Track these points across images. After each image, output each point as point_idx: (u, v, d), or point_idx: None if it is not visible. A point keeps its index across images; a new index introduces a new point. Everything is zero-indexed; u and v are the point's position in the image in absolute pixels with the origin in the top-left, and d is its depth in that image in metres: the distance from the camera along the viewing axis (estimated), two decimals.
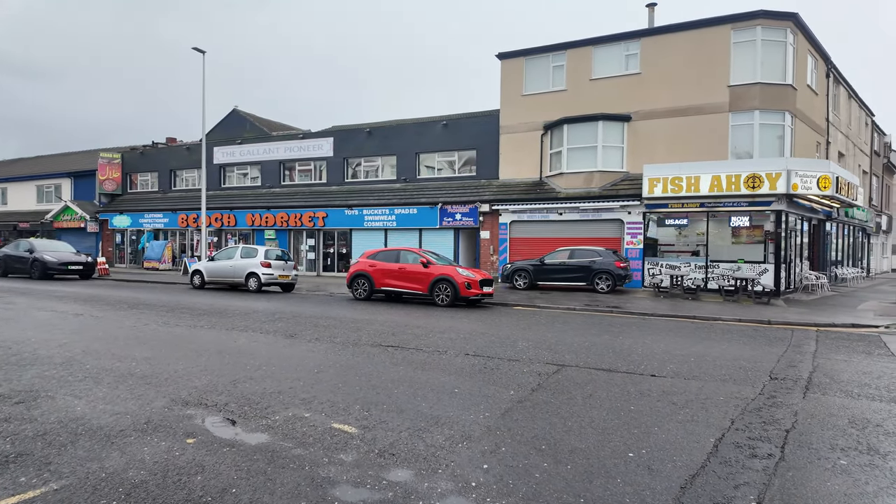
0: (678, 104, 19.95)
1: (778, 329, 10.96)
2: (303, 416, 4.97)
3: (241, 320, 10.97)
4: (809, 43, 20.78)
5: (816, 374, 6.87)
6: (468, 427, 4.73)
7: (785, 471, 3.89)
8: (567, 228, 20.67)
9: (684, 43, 19.99)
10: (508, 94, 23.18)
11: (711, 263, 18.51)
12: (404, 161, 25.82)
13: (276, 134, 30.70)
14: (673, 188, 18.63)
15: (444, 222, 23.09)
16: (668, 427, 4.79)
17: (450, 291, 13.84)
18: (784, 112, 19.20)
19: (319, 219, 26.08)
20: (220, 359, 7.34)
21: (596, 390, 5.94)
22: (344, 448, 4.25)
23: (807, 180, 17.18)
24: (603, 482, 3.69)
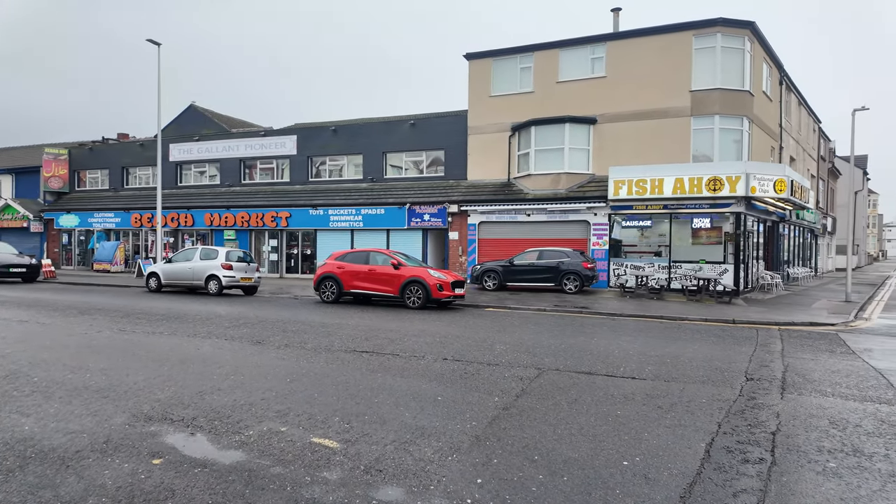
0: (642, 107, 20.34)
1: (743, 328, 11.25)
2: (279, 431, 4.67)
3: (204, 326, 10.44)
4: (765, 51, 21.59)
5: (789, 373, 7.02)
6: (456, 438, 4.54)
7: (779, 476, 3.87)
8: (535, 229, 20.76)
9: (648, 48, 20.40)
10: (476, 94, 23.12)
11: (674, 264, 18.94)
12: (371, 160, 25.41)
13: (236, 131, 29.70)
14: (637, 190, 18.96)
15: (412, 223, 22.83)
16: (657, 432, 4.73)
17: (421, 293, 13.62)
18: (742, 117, 19.86)
19: (282, 219, 25.35)
20: (184, 368, 6.90)
21: (580, 395, 5.86)
22: (327, 465, 3.98)
23: (764, 183, 17.79)
24: (602, 494, 3.57)
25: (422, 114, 25.47)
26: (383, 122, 25.85)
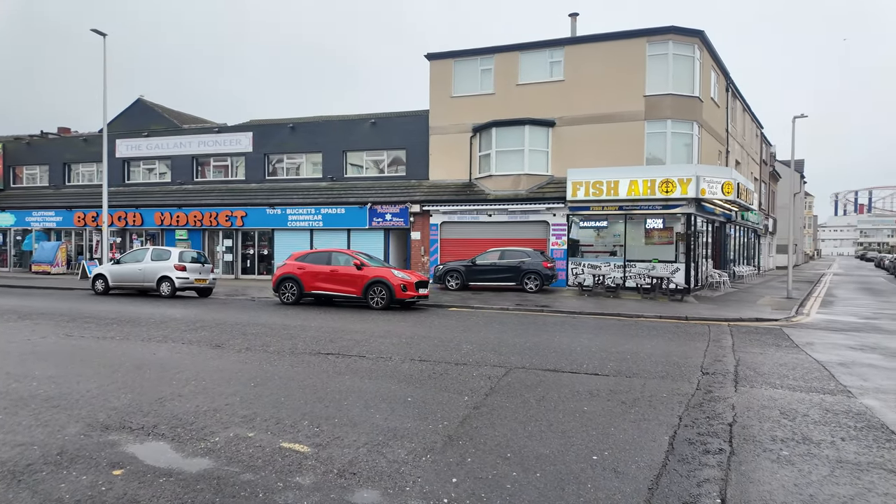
0: (599, 111, 20.90)
1: (696, 325, 11.74)
2: (246, 436, 4.55)
3: (158, 329, 10.02)
4: (713, 59, 22.59)
5: (741, 367, 7.39)
6: (429, 438, 4.55)
7: (738, 465, 4.07)
8: (496, 229, 20.99)
9: (604, 53, 20.98)
10: (437, 95, 23.17)
11: (628, 263, 19.56)
12: (330, 159, 25.04)
13: (187, 127, 28.65)
14: (594, 192, 19.47)
15: (373, 223, 22.64)
16: (623, 427, 4.89)
17: (385, 294, 13.53)
18: (692, 122, 20.71)
19: (238, 218, 24.64)
20: (141, 374, 6.61)
21: (547, 392, 5.98)
22: (299, 470, 3.92)
23: (713, 186, 18.62)
24: (575, 489, 3.66)
25: (383, 113, 25.32)
26: (343, 120, 25.52)
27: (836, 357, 8.18)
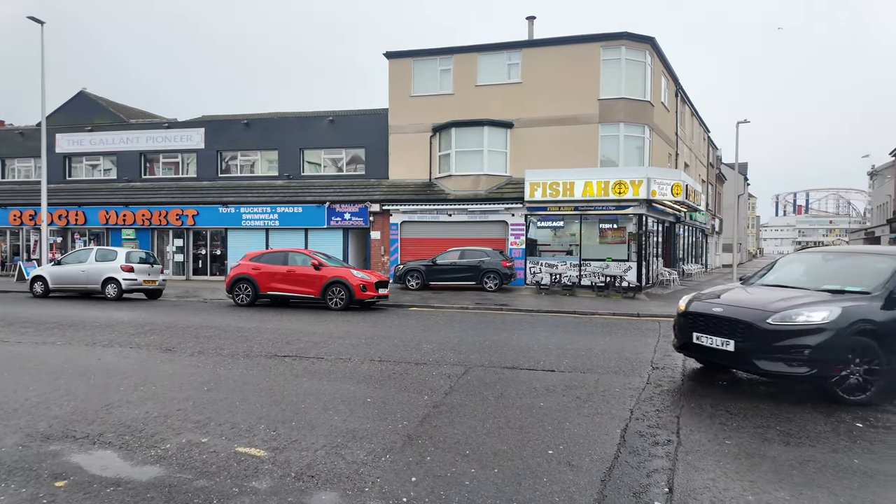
0: (555, 114, 21.34)
1: (647, 321, 12.18)
2: (200, 442, 4.43)
3: (104, 333, 9.59)
4: (663, 65, 23.45)
5: (689, 361, 7.72)
6: (388, 438, 4.56)
7: (685, 454, 4.27)
8: (456, 229, 21.12)
9: (561, 56, 21.44)
10: (397, 94, 23.10)
11: (584, 262, 20.08)
12: (287, 156, 24.57)
13: (135, 122, 27.47)
14: (551, 192, 19.89)
15: (332, 222, 22.36)
16: (578, 421, 5.04)
17: (344, 294, 13.39)
18: (644, 125, 21.45)
19: (189, 217, 23.83)
20: (85, 381, 6.32)
21: (505, 389, 6.08)
22: (255, 474, 3.85)
23: (663, 187, 19.35)
24: (531, 483, 3.75)
25: (341, 110, 25.04)
26: (300, 117, 25.09)
27: None
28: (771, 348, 5.58)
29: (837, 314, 5.52)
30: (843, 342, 5.45)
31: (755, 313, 5.80)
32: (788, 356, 5.51)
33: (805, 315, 5.58)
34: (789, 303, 5.85)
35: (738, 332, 5.81)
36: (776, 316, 5.65)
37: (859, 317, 5.54)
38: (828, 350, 5.42)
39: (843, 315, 5.52)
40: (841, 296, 5.93)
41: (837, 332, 5.44)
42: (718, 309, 6.14)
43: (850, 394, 5.52)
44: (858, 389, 5.52)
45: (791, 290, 6.41)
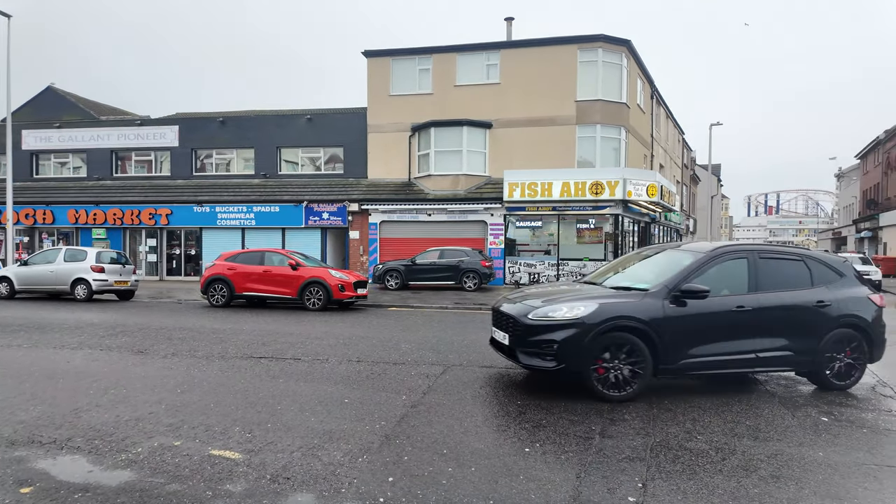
0: (533, 115, 21.51)
1: None
2: (172, 445, 4.35)
3: (73, 335, 9.34)
4: (639, 68, 23.83)
5: None
6: (366, 438, 4.54)
7: (660, 451, 4.35)
8: (436, 229, 21.13)
9: (538, 57, 21.62)
10: (375, 92, 23.00)
11: (561, 261, 20.30)
12: (263, 155, 24.26)
13: (106, 118, 26.81)
14: (529, 193, 20.06)
15: (309, 221, 22.15)
16: (553, 419, 5.08)
17: (322, 295, 13.28)
18: (620, 127, 21.76)
19: (162, 216, 23.36)
20: (53, 384, 6.15)
21: (483, 388, 6.11)
22: (229, 477, 3.79)
23: (638, 188, 19.68)
24: (507, 481, 3.78)
25: (319, 109, 24.83)
26: (277, 114, 24.80)
27: None
28: (529, 342, 5.70)
29: (591, 311, 5.53)
30: (596, 338, 5.44)
31: (523, 308, 5.92)
32: (541, 350, 5.60)
33: (562, 311, 5.62)
34: (559, 299, 5.91)
35: (510, 327, 5.96)
36: (537, 311, 5.74)
37: (618, 314, 5.54)
38: (575, 346, 5.45)
39: (597, 312, 5.53)
40: (624, 293, 5.93)
41: (587, 329, 5.44)
42: (507, 305, 6.24)
43: (609, 390, 5.51)
44: (617, 387, 5.51)
45: (591, 286, 6.44)
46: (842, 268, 6.38)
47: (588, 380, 5.55)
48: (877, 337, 6.20)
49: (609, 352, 5.52)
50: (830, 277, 6.22)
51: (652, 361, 5.54)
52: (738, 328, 5.78)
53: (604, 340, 5.50)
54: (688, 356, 5.66)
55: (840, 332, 6.04)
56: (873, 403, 5.82)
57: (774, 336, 5.89)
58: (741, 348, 5.78)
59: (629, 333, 5.53)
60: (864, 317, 6.12)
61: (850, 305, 6.11)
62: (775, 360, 5.92)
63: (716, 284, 5.86)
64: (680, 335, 5.64)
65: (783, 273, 6.12)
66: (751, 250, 6.18)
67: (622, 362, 5.53)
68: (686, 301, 5.67)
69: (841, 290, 6.15)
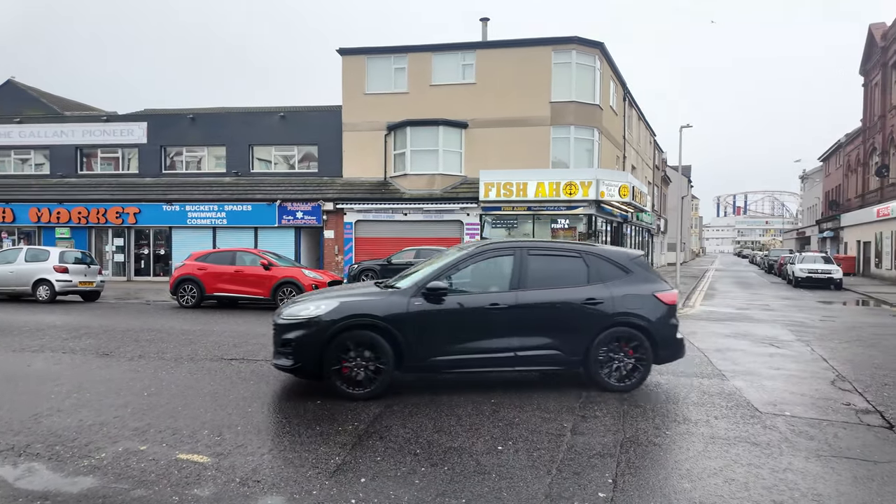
0: (508, 115, 21.64)
1: None
2: (138, 450, 4.24)
3: (34, 338, 9.01)
4: (612, 70, 24.19)
5: None
6: (339, 439, 4.50)
7: (630, 447, 4.43)
8: (412, 228, 21.08)
9: (514, 58, 21.76)
10: (350, 91, 22.82)
11: None
12: (235, 153, 23.83)
13: (70, 114, 25.99)
14: (505, 193, 20.18)
15: (283, 221, 21.85)
16: (526, 416, 5.13)
17: (296, 295, 13.10)
18: (593, 128, 22.07)
19: (130, 215, 22.76)
20: (11, 388, 5.93)
21: (457, 386, 6.12)
22: (197, 482, 3.71)
23: (611, 188, 19.99)
24: (480, 479, 3.79)
25: (292, 106, 24.53)
26: (249, 112, 24.40)
27: (714, 344, 9.11)
28: (278, 342, 5.75)
29: (329, 309, 5.52)
30: (335, 336, 5.41)
31: (281, 309, 6.02)
32: (285, 349, 5.62)
33: (308, 309, 5.60)
34: (313, 298, 5.97)
35: (274, 330, 5.96)
36: (287, 311, 5.79)
37: (355, 311, 5.53)
38: (311, 344, 5.43)
39: (336, 310, 5.51)
40: (379, 291, 5.94)
41: (324, 327, 5.42)
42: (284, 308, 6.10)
43: (352, 388, 5.47)
44: (361, 384, 5.47)
45: (371, 286, 6.44)
46: (628, 264, 6.09)
47: (329, 378, 5.48)
48: (662, 336, 5.88)
49: (352, 349, 5.46)
50: (613, 274, 5.96)
51: (395, 358, 5.47)
52: (494, 326, 5.67)
53: (344, 338, 5.44)
54: (441, 353, 5.61)
55: (616, 331, 5.81)
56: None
57: (536, 334, 5.73)
58: (498, 346, 5.68)
59: (370, 331, 5.47)
60: (645, 315, 5.82)
61: (629, 303, 5.83)
62: (538, 359, 5.80)
63: (477, 281, 5.88)
64: (429, 332, 5.56)
65: (555, 270, 5.96)
66: (519, 247, 6.05)
67: (365, 360, 5.46)
68: (441, 298, 5.59)
69: (622, 287, 5.89)
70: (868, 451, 4.39)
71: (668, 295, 6.04)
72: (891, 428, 4.97)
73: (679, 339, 6.12)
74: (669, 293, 6.07)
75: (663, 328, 5.92)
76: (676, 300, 6.20)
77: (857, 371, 7.26)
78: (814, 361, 7.89)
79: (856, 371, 7.26)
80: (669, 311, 6.02)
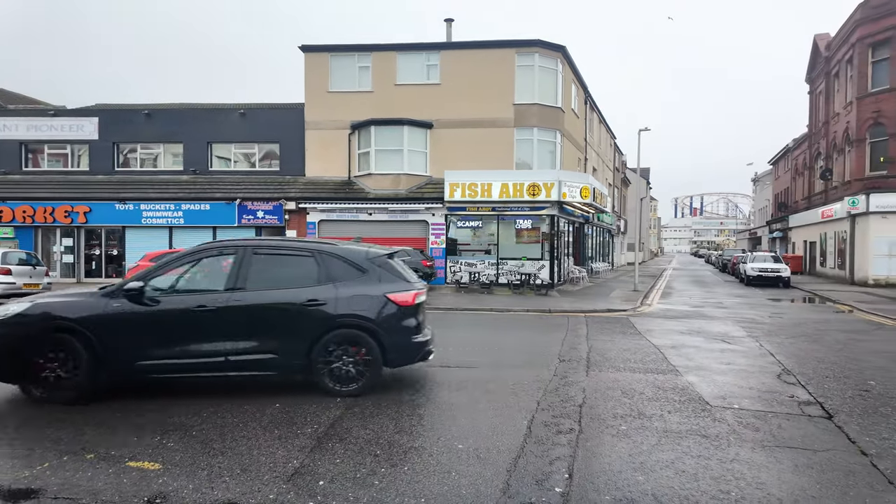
0: (473, 116, 21.76)
1: (557, 316, 12.77)
2: (84, 458, 4.07)
3: None
4: (573, 74, 24.65)
5: (592, 353, 8.18)
6: (297, 443, 4.43)
7: (584, 441, 4.53)
8: (377, 228, 20.92)
9: (478, 60, 21.89)
10: (313, 88, 22.49)
11: (501, 261, 20.65)
12: (193, 150, 23.13)
13: (14, 107, 24.69)
14: (470, 193, 20.26)
15: (243, 220, 21.34)
16: (487, 415, 5.18)
17: None
18: (556, 131, 22.43)
19: (80, 214, 21.77)
20: None
21: (421, 388, 6.12)
22: (149, 488, 3.59)
23: (573, 190, 20.35)
24: (439, 478, 3.81)
25: (253, 103, 24.00)
26: (208, 108, 23.73)
27: (669, 341, 9.41)
28: None
29: (21, 310, 5.42)
30: (26, 338, 5.27)
31: None
32: None
33: (11, 310, 5.48)
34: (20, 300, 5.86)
35: None
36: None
37: (49, 312, 5.40)
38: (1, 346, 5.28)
39: (28, 311, 5.41)
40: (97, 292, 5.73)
41: (12, 329, 5.31)
42: None
43: (49, 391, 5.29)
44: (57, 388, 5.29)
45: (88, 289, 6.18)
46: (363, 263, 5.81)
47: (22, 380, 5.37)
48: (392, 339, 5.64)
49: (50, 352, 5.25)
50: (347, 274, 5.71)
51: (94, 362, 5.28)
52: (203, 329, 5.43)
53: (40, 341, 5.27)
54: (147, 357, 5.41)
55: (341, 333, 5.58)
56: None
57: (250, 338, 5.48)
58: (208, 351, 5.45)
59: (66, 333, 5.30)
60: (371, 317, 5.57)
61: (356, 304, 5.57)
62: (253, 364, 5.51)
63: (195, 282, 5.73)
64: (131, 335, 5.40)
65: (284, 270, 5.74)
66: (244, 246, 5.84)
67: (59, 363, 5.27)
68: (141, 299, 5.44)
69: (353, 287, 5.64)
70: (808, 441, 4.62)
71: (401, 296, 5.72)
72: (830, 418, 5.25)
73: (416, 342, 5.82)
74: (403, 294, 5.74)
75: (394, 331, 5.65)
76: (413, 301, 5.82)
77: (801, 365, 7.63)
78: (762, 356, 8.25)
79: (800, 365, 7.62)
80: (401, 312, 5.71)
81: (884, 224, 22.27)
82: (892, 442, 4.61)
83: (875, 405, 5.68)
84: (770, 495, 3.62)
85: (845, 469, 4.05)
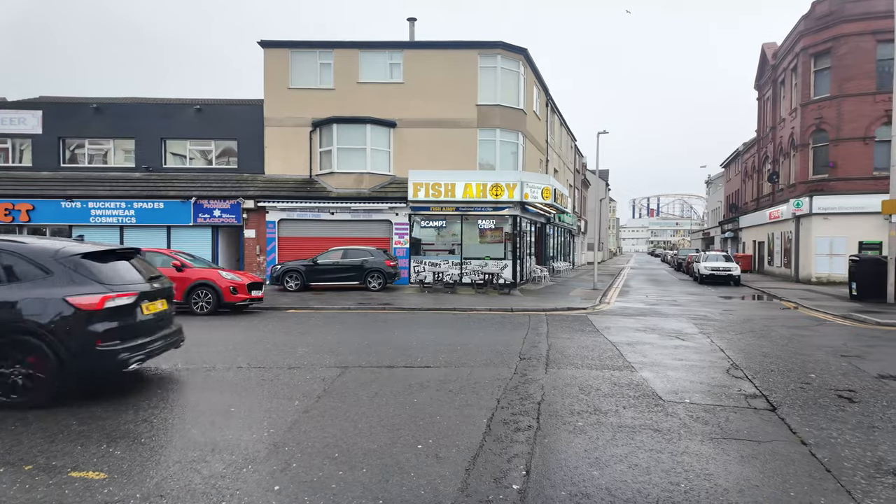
0: (436, 116, 21.78)
1: (519, 315, 12.92)
2: (22, 471, 3.86)
3: None
4: (535, 76, 24.99)
5: (552, 351, 8.32)
6: (251, 448, 4.33)
7: (542, 438, 4.60)
8: (339, 228, 20.67)
9: (441, 60, 21.92)
10: (273, 85, 22.02)
11: (465, 260, 20.75)
12: (146, 146, 22.29)
13: None
14: (434, 193, 20.26)
15: (199, 219, 20.68)
16: (448, 414, 5.19)
17: (211, 298, 12.45)
18: (518, 132, 22.69)
19: (22, 212, 20.66)
20: None
21: (381, 388, 6.08)
22: (91, 501, 3.44)
23: (534, 190, 20.63)
24: (398, 479, 3.79)
25: (210, 99, 23.33)
26: (161, 103, 22.91)
27: (626, 338, 9.66)
28: None
29: None
30: None
31: None
32: None
33: None
34: None
35: None
36: None
37: None
38: None
39: None
40: None
41: None
42: None
43: None
44: None
45: None
46: (48, 263, 5.38)
47: None
48: (70, 346, 5.18)
49: None
50: (30, 274, 5.32)
51: None
52: None
53: None
54: None
55: (14, 340, 5.17)
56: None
57: None
58: None
59: None
60: (45, 322, 5.13)
61: (30, 308, 5.16)
62: None
63: None
64: None
65: None
66: None
67: None
68: None
69: (32, 290, 5.24)
70: (753, 433, 4.83)
71: (85, 300, 5.25)
72: (774, 410, 5.50)
73: (103, 349, 5.32)
74: (88, 298, 5.27)
75: (73, 337, 5.20)
76: (101, 305, 5.33)
77: (748, 360, 7.96)
78: (713, 352, 8.57)
79: (748, 360, 7.96)
80: (85, 317, 5.24)
81: (825, 225, 23.52)
82: (829, 432, 4.87)
83: (815, 397, 5.99)
84: (717, 486, 3.76)
85: (786, 458, 4.26)
